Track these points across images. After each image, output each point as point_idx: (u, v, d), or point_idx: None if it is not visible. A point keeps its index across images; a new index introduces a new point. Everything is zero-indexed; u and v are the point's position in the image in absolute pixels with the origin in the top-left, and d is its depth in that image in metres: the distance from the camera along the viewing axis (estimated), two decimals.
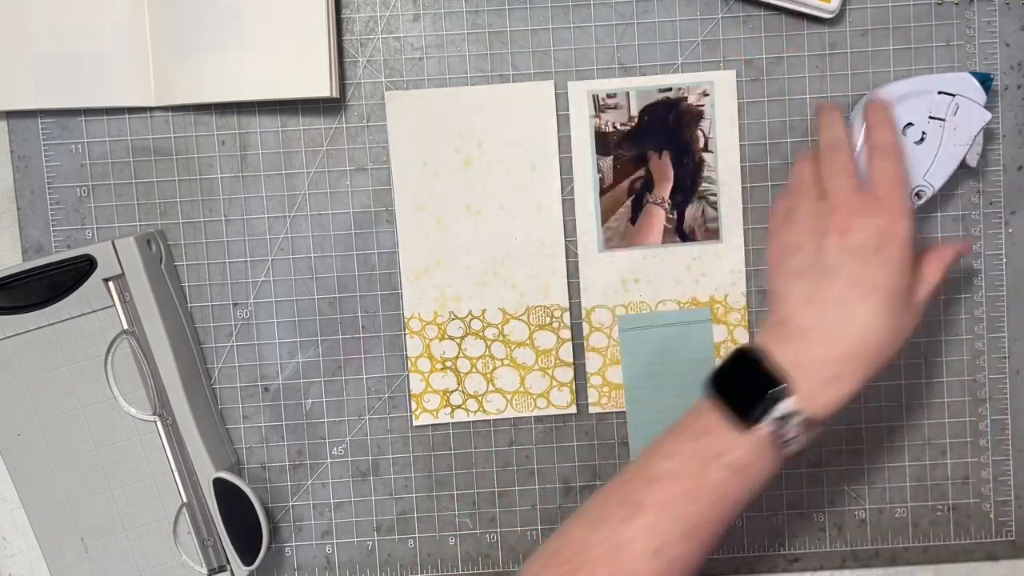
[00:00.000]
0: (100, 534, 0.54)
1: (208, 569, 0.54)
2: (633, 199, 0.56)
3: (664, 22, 0.55)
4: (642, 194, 0.56)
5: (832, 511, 0.57)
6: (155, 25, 0.54)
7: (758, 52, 0.55)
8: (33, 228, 0.56)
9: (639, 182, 0.56)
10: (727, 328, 0.56)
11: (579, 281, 0.56)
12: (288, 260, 0.56)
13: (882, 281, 0.44)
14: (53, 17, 0.54)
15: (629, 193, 0.56)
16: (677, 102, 0.55)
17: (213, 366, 0.57)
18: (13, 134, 0.56)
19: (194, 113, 0.56)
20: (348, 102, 0.56)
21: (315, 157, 0.56)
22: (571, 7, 0.55)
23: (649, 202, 0.56)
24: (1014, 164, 0.56)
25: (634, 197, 0.56)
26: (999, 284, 0.57)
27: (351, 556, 0.58)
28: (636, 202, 0.56)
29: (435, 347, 0.57)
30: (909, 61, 0.55)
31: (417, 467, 0.58)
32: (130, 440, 0.54)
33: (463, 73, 0.56)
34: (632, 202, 0.56)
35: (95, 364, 0.53)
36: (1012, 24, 0.55)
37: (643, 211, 0.56)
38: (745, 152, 0.56)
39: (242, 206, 0.56)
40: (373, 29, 0.56)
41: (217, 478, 0.53)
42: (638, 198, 0.56)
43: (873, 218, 0.45)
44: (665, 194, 0.56)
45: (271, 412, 0.57)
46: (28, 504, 0.54)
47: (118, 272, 0.52)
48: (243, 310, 0.57)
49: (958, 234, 0.56)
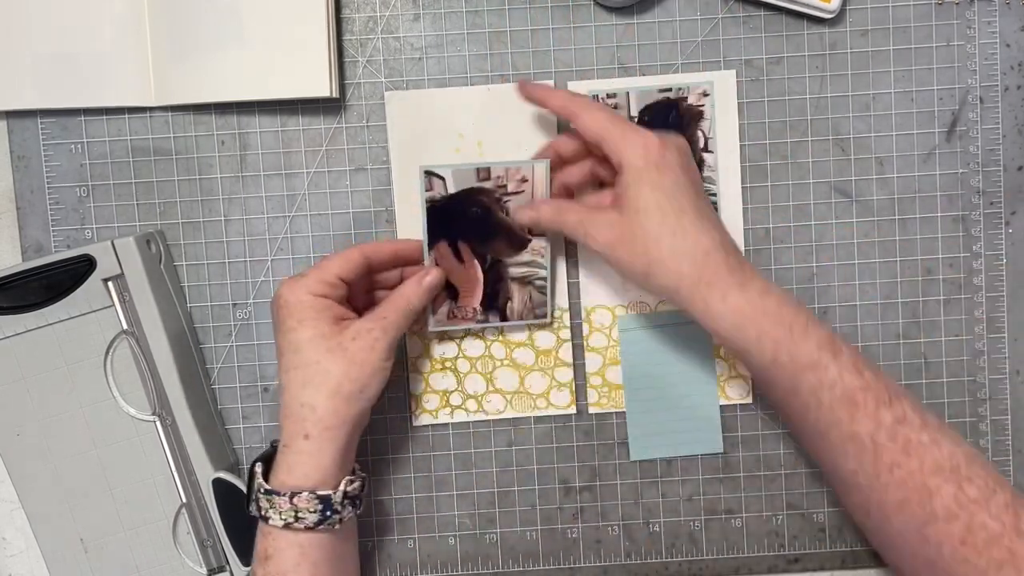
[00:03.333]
0: (100, 534, 0.54)
1: (207, 569, 0.54)
2: None
3: (664, 22, 0.55)
4: None
5: (832, 511, 0.57)
6: (155, 25, 0.54)
7: (758, 52, 0.55)
8: (33, 228, 0.56)
9: None
10: None
11: (579, 281, 0.56)
12: (288, 260, 0.56)
13: (280, 343, 0.49)
14: (53, 17, 0.54)
15: None
16: (677, 102, 0.55)
17: (213, 366, 0.57)
18: (13, 134, 0.56)
19: (194, 113, 0.56)
20: (348, 102, 0.56)
21: (315, 157, 0.56)
22: (571, 7, 0.55)
23: None
24: (1014, 164, 0.56)
25: None
26: (999, 284, 0.57)
27: None
28: None
29: (435, 347, 0.57)
30: (909, 61, 0.55)
31: (417, 467, 0.58)
32: (130, 440, 0.54)
33: (463, 73, 0.56)
34: None
35: (95, 364, 0.53)
36: (1012, 24, 0.55)
37: None
38: (745, 152, 0.56)
39: (242, 206, 0.56)
40: (373, 29, 0.56)
41: (216, 478, 0.53)
42: None
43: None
44: None
45: (271, 412, 0.57)
46: (28, 504, 0.54)
47: (118, 272, 0.52)
48: (243, 310, 0.57)
49: (958, 234, 0.56)
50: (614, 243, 0.47)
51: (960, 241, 0.56)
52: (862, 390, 0.45)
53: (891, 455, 0.44)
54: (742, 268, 0.47)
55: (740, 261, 0.47)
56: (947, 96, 0.56)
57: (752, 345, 0.46)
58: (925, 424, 0.45)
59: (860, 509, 0.47)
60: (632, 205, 0.47)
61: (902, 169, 0.56)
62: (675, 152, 0.48)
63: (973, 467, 0.44)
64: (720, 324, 0.46)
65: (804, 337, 0.45)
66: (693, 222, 0.46)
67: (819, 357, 0.45)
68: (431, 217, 0.53)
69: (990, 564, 0.43)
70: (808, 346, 0.45)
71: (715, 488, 0.57)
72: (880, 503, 0.45)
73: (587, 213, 0.49)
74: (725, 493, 0.57)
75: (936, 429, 0.45)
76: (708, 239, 0.46)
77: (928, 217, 0.56)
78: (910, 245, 0.56)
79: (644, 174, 0.46)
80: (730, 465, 0.57)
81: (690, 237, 0.46)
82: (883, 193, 0.56)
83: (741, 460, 0.57)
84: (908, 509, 0.44)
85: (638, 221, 0.46)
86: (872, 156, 0.56)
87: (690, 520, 0.58)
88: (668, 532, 0.58)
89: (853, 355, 0.46)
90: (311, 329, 0.48)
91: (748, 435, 0.57)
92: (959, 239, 0.56)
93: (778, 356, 0.45)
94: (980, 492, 0.43)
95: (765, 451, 0.57)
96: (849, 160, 0.56)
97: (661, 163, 0.47)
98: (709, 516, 0.58)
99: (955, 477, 0.44)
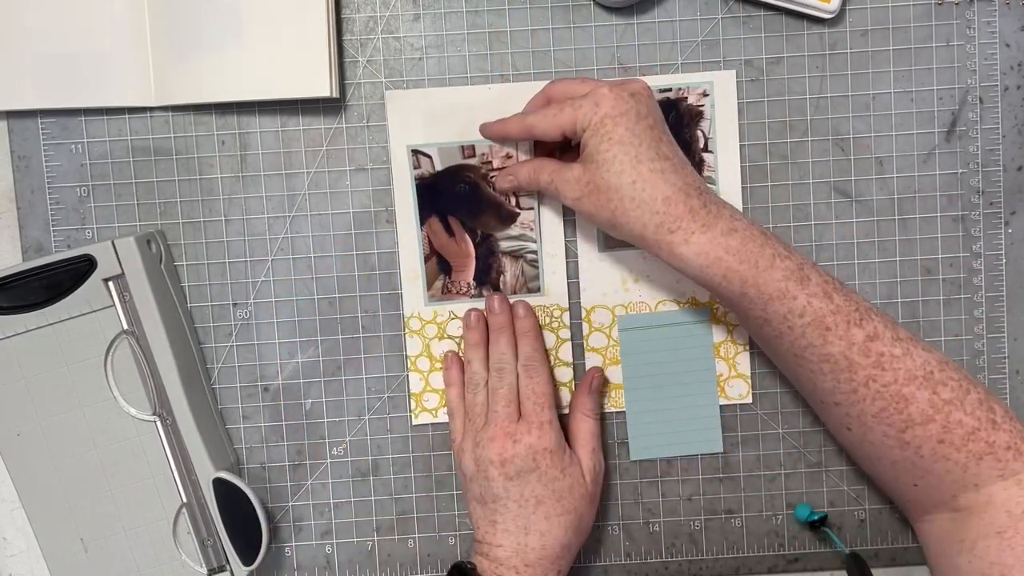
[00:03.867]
0: (100, 534, 0.54)
1: (208, 569, 0.54)
2: None
3: (664, 22, 0.55)
4: None
5: (832, 511, 0.57)
6: (155, 25, 0.54)
7: (758, 52, 0.55)
8: (33, 228, 0.56)
9: None
10: (727, 328, 0.56)
11: (579, 281, 0.56)
12: (288, 260, 0.56)
13: (542, 492, 0.51)
14: (53, 17, 0.54)
15: None
16: (677, 102, 0.55)
17: (213, 366, 0.57)
18: (13, 134, 0.56)
19: (194, 113, 0.56)
20: (348, 102, 0.56)
21: (315, 157, 0.56)
22: (571, 7, 0.55)
23: None
24: (1014, 164, 0.56)
25: None
26: (999, 284, 0.57)
27: (351, 556, 0.58)
28: None
29: (435, 347, 0.57)
30: (909, 61, 0.55)
31: (417, 467, 0.58)
32: (130, 440, 0.54)
33: (463, 73, 0.56)
34: None
35: (95, 364, 0.53)
36: (1012, 24, 0.55)
37: None
38: (745, 152, 0.56)
39: (242, 206, 0.56)
40: (373, 29, 0.56)
41: (217, 478, 0.53)
42: None
43: (523, 442, 0.51)
44: None
45: (271, 412, 0.57)
46: (28, 504, 0.54)
47: (118, 272, 0.52)
48: (243, 310, 0.57)
49: (958, 234, 0.56)
50: (581, 197, 0.49)
51: (960, 241, 0.56)
52: (832, 313, 0.46)
53: (866, 371, 0.46)
54: (706, 209, 0.47)
55: (704, 202, 0.47)
56: (947, 96, 0.56)
57: (719, 283, 0.47)
58: (897, 338, 0.47)
59: (840, 425, 0.49)
60: (592, 159, 0.48)
61: (902, 169, 0.56)
62: (628, 100, 0.48)
63: (946, 371, 0.46)
64: (686, 266, 0.47)
65: (770, 270, 0.46)
66: (651, 170, 0.47)
67: (786, 287, 0.46)
68: (421, 194, 0.55)
69: (969, 458, 0.45)
70: (774, 278, 0.46)
71: (715, 488, 0.57)
72: (859, 416, 0.47)
73: (557, 171, 0.50)
74: (725, 493, 0.57)
75: (908, 341, 0.47)
76: (667, 185, 0.47)
77: (928, 217, 0.56)
78: (910, 245, 0.56)
79: (599, 128, 0.47)
80: (730, 465, 0.57)
81: (648, 185, 0.47)
82: (883, 193, 0.56)
83: (741, 460, 0.57)
84: (886, 418, 0.46)
85: (599, 174, 0.48)
86: (872, 156, 0.56)
87: (690, 520, 0.58)
88: (668, 532, 0.58)
89: (823, 281, 0.47)
90: (571, 478, 0.52)
91: (748, 435, 0.57)
92: (959, 239, 0.56)
93: (745, 290, 0.47)
94: (954, 393, 0.46)
95: (765, 451, 0.57)
96: (849, 160, 0.56)
97: (613, 113, 0.47)
98: (709, 516, 0.58)
99: (929, 383, 0.46)
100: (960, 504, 0.46)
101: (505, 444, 0.51)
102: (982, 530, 0.45)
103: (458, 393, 0.55)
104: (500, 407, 0.52)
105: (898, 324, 0.48)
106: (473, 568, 0.51)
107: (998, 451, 0.45)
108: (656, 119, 0.49)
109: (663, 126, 0.49)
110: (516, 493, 0.51)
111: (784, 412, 0.57)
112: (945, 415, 0.45)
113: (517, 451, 0.51)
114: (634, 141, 0.47)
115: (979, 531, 0.45)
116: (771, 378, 0.57)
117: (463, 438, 0.54)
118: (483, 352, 0.55)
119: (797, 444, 0.57)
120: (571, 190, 0.49)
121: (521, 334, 0.55)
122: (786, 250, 0.47)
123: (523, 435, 0.51)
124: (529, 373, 0.53)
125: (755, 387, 0.57)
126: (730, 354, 0.56)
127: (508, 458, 0.51)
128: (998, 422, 0.45)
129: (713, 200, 0.48)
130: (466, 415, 0.54)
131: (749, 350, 0.57)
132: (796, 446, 0.57)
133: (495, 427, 0.52)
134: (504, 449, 0.51)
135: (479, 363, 0.54)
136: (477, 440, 0.52)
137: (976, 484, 0.45)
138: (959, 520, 0.46)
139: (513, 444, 0.51)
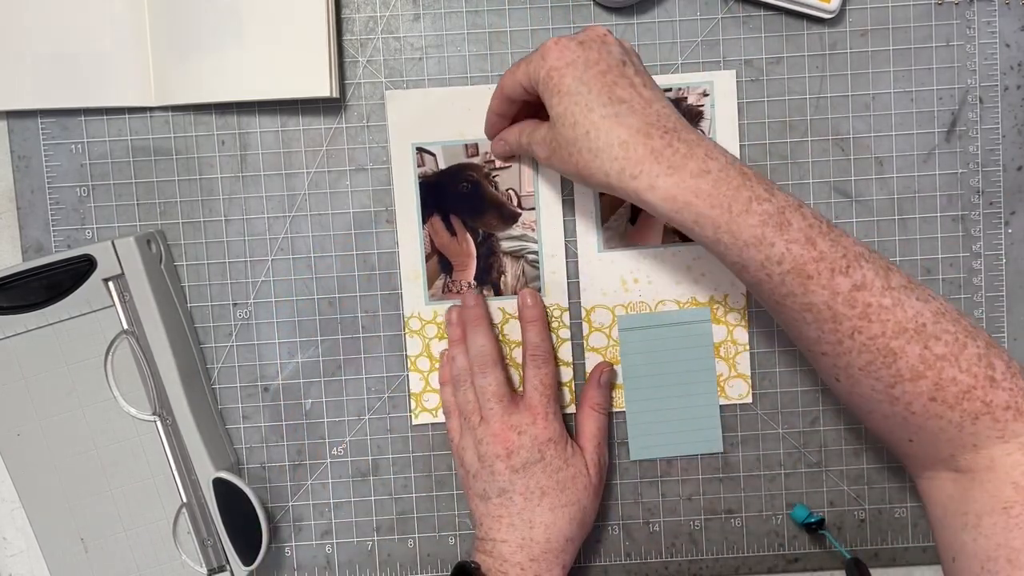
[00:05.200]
0: (100, 534, 0.54)
1: (208, 569, 0.54)
2: None
3: (664, 22, 0.55)
4: None
5: (832, 511, 0.57)
6: (155, 25, 0.54)
7: (758, 52, 0.55)
8: (33, 228, 0.56)
9: None
10: (727, 328, 0.56)
11: (579, 281, 0.56)
12: (288, 260, 0.56)
13: (547, 483, 0.51)
14: (53, 17, 0.54)
15: None
16: (677, 102, 0.55)
17: (213, 366, 0.57)
18: (13, 134, 0.56)
19: (194, 113, 0.56)
20: (348, 102, 0.56)
21: (315, 157, 0.56)
22: (571, 7, 0.55)
23: None
24: (1014, 164, 0.56)
25: None
26: (999, 284, 0.57)
27: (351, 556, 0.58)
28: None
29: (435, 346, 0.57)
30: (909, 61, 0.55)
31: (417, 467, 0.58)
32: (130, 440, 0.54)
33: (463, 73, 0.56)
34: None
35: (95, 364, 0.53)
36: (1012, 24, 0.55)
37: (643, 211, 0.56)
38: (745, 152, 0.56)
39: (242, 206, 0.56)
40: (373, 29, 0.56)
41: (217, 478, 0.53)
42: None
43: (528, 433, 0.51)
44: None
45: (271, 412, 0.57)
46: (28, 504, 0.54)
47: (118, 272, 0.52)
48: (243, 310, 0.57)
49: (958, 234, 0.56)
50: (550, 156, 0.48)
51: (960, 241, 0.56)
52: (814, 261, 0.43)
53: (851, 322, 0.43)
54: (671, 148, 0.44)
55: (668, 141, 0.44)
56: (947, 96, 0.56)
57: (691, 227, 0.44)
58: (888, 287, 0.43)
59: (829, 374, 0.47)
60: (551, 116, 0.47)
61: (902, 169, 0.56)
62: (575, 49, 0.46)
63: (941, 323, 0.43)
64: (656, 210, 0.44)
65: (745, 215, 0.43)
66: (603, 116, 0.44)
67: (762, 233, 0.43)
68: (424, 192, 0.55)
69: (964, 417, 0.42)
70: (749, 223, 0.43)
71: (715, 488, 0.57)
72: (847, 368, 0.45)
73: (532, 131, 0.50)
74: (725, 493, 0.57)
75: (901, 290, 0.43)
76: (622, 128, 0.44)
77: (928, 217, 0.56)
78: (910, 245, 0.56)
79: (548, 83, 0.46)
80: (730, 465, 0.57)
81: (602, 132, 0.44)
82: (883, 193, 0.56)
83: (741, 460, 0.57)
84: (873, 372, 0.44)
85: (557, 130, 0.47)
86: (872, 156, 0.56)
87: (690, 520, 0.58)
88: (668, 532, 0.58)
89: (806, 226, 0.43)
90: (574, 468, 0.52)
91: (748, 435, 0.57)
92: (959, 239, 0.56)
93: (719, 236, 0.44)
94: (948, 348, 0.43)
95: (765, 451, 0.57)
96: (849, 160, 0.56)
97: (559, 65, 0.46)
98: (709, 516, 0.58)
99: (920, 336, 0.43)
100: (960, 464, 0.44)
101: (509, 436, 0.51)
102: (987, 503, 0.42)
103: (451, 391, 0.55)
104: (493, 403, 0.52)
105: (896, 269, 0.44)
106: (477, 567, 0.51)
107: (996, 411, 0.42)
108: (610, 63, 0.46)
109: (621, 68, 0.46)
110: (521, 485, 0.51)
111: (784, 412, 0.57)
112: (937, 371, 0.42)
113: (523, 442, 0.51)
114: (582, 90, 0.45)
115: (984, 504, 0.42)
116: (771, 378, 0.57)
117: (461, 436, 0.54)
118: (466, 348, 0.55)
119: (797, 444, 0.57)
120: (541, 149, 0.49)
121: (528, 323, 0.54)
122: (767, 191, 0.44)
123: (527, 426, 0.52)
124: (536, 363, 0.53)
125: (755, 387, 0.57)
126: (730, 354, 0.56)
127: (514, 449, 0.51)
128: (997, 379, 0.42)
129: (683, 138, 0.44)
130: (460, 413, 0.54)
131: (749, 350, 0.57)
132: (796, 446, 0.57)
133: (495, 423, 0.52)
134: (509, 442, 0.51)
135: (464, 359, 0.54)
136: (479, 438, 0.52)
137: (974, 444, 0.43)
138: (962, 484, 0.44)
139: (518, 436, 0.51)
